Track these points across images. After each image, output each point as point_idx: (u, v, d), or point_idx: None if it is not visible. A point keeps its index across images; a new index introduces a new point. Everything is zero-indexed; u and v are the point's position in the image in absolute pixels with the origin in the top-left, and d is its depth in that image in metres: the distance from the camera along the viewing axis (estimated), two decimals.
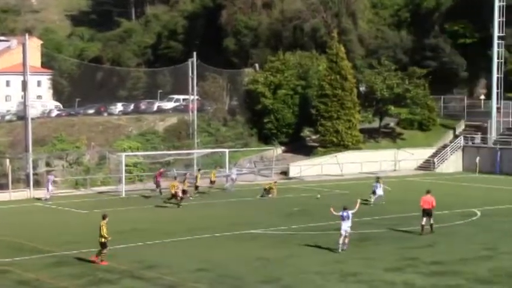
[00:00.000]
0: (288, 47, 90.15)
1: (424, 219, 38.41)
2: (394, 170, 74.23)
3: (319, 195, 53.37)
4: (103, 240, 31.18)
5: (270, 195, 55.14)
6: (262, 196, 55.09)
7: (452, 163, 77.30)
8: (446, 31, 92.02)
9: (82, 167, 64.91)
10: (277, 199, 54.16)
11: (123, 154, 60.27)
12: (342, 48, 77.39)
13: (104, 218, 31.71)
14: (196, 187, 55.83)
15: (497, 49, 77.66)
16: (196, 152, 66.13)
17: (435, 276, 28.90)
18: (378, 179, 52.03)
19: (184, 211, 48.53)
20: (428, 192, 39.27)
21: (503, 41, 78.38)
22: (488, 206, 49.92)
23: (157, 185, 55.52)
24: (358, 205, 35.55)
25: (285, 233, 39.47)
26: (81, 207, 50.62)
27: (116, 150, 65.73)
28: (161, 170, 58.27)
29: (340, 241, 33.65)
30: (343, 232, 33.62)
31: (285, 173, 71.06)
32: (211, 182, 58.50)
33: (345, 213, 33.65)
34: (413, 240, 36.86)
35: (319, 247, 34.91)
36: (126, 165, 60.20)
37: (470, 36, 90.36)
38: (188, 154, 66.80)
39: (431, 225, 38.57)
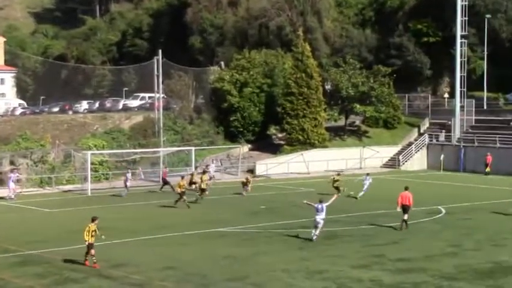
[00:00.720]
0: (254, 45, 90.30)
1: (406, 215, 38.97)
2: (360, 168, 74.57)
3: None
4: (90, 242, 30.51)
5: (247, 188, 55.22)
6: (239, 192, 55.37)
7: (417, 161, 78.00)
8: (410, 30, 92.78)
9: (47, 165, 64.24)
10: (244, 197, 54.21)
11: (89, 152, 60.00)
12: (308, 47, 77.71)
13: (93, 220, 30.64)
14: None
15: (460, 48, 78.48)
16: (163, 150, 65.91)
17: (401, 273, 29.12)
18: (367, 174, 53.90)
19: (151, 209, 48.42)
20: (406, 188, 39.99)
21: (466, 40, 79.24)
22: (453, 203, 50.40)
23: (166, 183, 56.36)
24: (333, 199, 36.94)
25: (252, 231, 39.54)
26: (47, 206, 50.24)
27: (81, 148, 65.22)
28: (166, 169, 58.93)
29: (313, 231, 35.53)
30: (316, 223, 35.44)
31: (251, 171, 71.03)
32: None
33: (319, 206, 35.44)
34: (379, 238, 37.12)
35: (286, 245, 35.10)
36: (92, 164, 59.95)
37: (434, 35, 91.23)
38: (154, 152, 66.59)
39: (402, 221, 39.03)
